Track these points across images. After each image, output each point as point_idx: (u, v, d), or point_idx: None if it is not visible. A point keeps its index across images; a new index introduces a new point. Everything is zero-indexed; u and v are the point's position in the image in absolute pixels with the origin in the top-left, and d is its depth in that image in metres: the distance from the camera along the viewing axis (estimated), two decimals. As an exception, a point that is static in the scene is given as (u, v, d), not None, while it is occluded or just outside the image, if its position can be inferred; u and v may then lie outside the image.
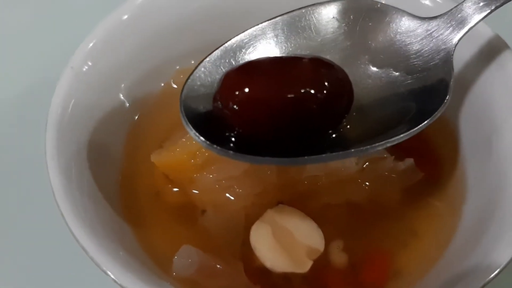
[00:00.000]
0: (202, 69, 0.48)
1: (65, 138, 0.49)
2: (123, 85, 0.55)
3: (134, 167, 0.55)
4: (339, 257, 0.51)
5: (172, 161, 0.52)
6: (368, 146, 0.45)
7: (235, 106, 0.44)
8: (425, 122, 0.45)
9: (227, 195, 0.53)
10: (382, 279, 0.50)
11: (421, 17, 0.50)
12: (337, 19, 0.50)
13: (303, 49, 0.50)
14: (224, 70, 0.48)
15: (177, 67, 0.58)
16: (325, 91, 0.44)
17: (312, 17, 0.50)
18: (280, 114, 0.44)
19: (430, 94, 0.47)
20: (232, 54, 0.49)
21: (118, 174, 0.54)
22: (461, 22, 0.48)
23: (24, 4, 0.72)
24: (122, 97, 0.56)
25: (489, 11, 0.48)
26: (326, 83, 0.45)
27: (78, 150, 0.50)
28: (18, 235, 0.58)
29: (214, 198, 0.53)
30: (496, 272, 0.41)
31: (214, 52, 0.49)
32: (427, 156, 0.55)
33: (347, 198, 0.53)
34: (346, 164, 0.52)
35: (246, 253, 0.50)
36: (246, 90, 0.44)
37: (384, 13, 0.50)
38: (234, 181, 0.52)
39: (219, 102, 0.46)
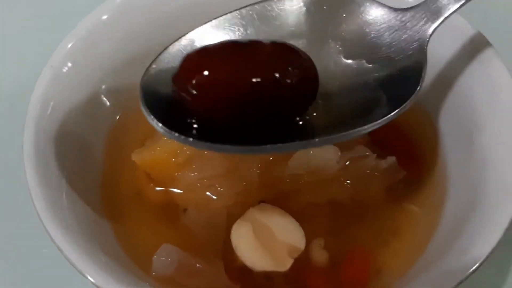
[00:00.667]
0: (166, 55, 0.47)
1: (43, 137, 0.48)
2: (103, 86, 0.55)
3: (115, 167, 0.55)
4: (320, 256, 0.51)
5: (153, 159, 0.52)
6: (333, 136, 0.44)
7: (193, 90, 0.42)
8: (395, 112, 0.44)
9: (209, 193, 0.53)
10: (363, 277, 0.50)
11: (395, 8, 0.49)
12: (309, 9, 0.50)
13: (272, 37, 0.48)
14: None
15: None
16: (287, 76, 0.43)
17: (283, 6, 0.50)
18: (241, 99, 0.43)
19: (402, 84, 0.46)
20: (197, 42, 0.48)
21: (99, 174, 0.54)
22: (436, 13, 0.48)
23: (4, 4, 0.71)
24: (103, 98, 0.55)
25: (463, 1, 0.48)
26: (289, 68, 0.43)
27: (57, 150, 0.49)
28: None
29: (196, 197, 0.53)
30: (472, 269, 0.41)
31: (179, 40, 0.48)
32: (409, 155, 0.55)
33: (329, 196, 0.53)
34: (328, 162, 0.52)
35: (227, 252, 0.50)
36: (205, 73, 0.43)
37: (358, 4, 0.50)
38: (216, 179, 0.52)
39: (177, 85, 0.44)
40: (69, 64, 0.52)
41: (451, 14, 0.48)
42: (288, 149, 0.45)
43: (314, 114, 0.46)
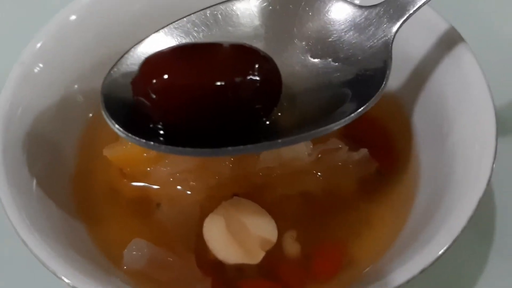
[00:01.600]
0: (127, 59, 0.47)
1: (13, 137, 0.49)
2: (76, 85, 0.56)
3: (88, 164, 0.55)
4: (292, 248, 0.51)
5: (124, 154, 0.52)
6: (297, 136, 0.44)
7: (152, 94, 0.43)
8: (359, 110, 0.44)
9: (182, 188, 0.53)
10: (334, 268, 0.50)
11: (361, 5, 0.50)
12: (275, 8, 0.50)
13: (236, 38, 0.49)
14: None
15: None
16: (247, 78, 0.43)
17: (249, 5, 0.50)
18: (201, 102, 0.43)
19: (367, 82, 0.46)
20: (160, 44, 0.48)
21: (72, 171, 0.54)
22: (401, 9, 0.48)
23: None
24: (75, 96, 0.56)
25: None
26: (249, 70, 0.43)
27: (28, 149, 0.50)
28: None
29: (168, 192, 0.53)
30: (437, 255, 0.42)
31: (141, 43, 0.48)
32: (382, 146, 0.56)
33: (302, 189, 0.53)
34: (300, 155, 0.52)
35: (200, 246, 0.50)
36: (164, 76, 0.43)
37: (323, 2, 0.50)
38: (188, 174, 0.53)
39: (136, 89, 0.44)
40: (40, 65, 0.53)
41: (416, 10, 0.48)
42: (251, 150, 0.45)
43: (279, 114, 0.46)
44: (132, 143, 0.51)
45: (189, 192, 0.53)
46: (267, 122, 0.46)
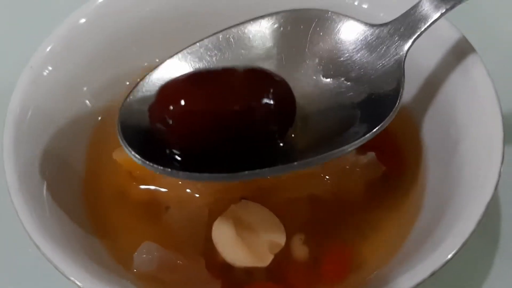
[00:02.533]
0: (143, 86, 0.48)
1: (24, 138, 0.49)
2: (85, 88, 0.56)
3: (98, 167, 0.55)
4: (300, 251, 0.51)
5: (133, 158, 0.53)
6: (312, 158, 0.44)
7: (169, 120, 0.43)
8: (374, 131, 0.44)
9: (191, 191, 0.53)
10: (343, 271, 0.51)
11: (372, 24, 0.49)
12: (286, 29, 0.50)
13: (249, 60, 0.49)
14: None
15: (145, 64, 0.58)
16: (263, 102, 0.44)
17: (259, 28, 0.50)
18: (217, 128, 0.43)
19: (380, 102, 0.47)
20: (174, 70, 0.48)
21: (82, 174, 0.54)
22: (412, 27, 0.48)
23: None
24: (85, 100, 0.56)
25: (439, 14, 0.48)
26: (264, 94, 0.44)
27: (38, 151, 0.50)
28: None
29: (177, 195, 0.53)
30: (447, 259, 0.43)
31: (157, 69, 0.49)
32: (389, 150, 0.56)
33: (309, 192, 0.53)
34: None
35: (209, 249, 0.51)
36: (180, 103, 0.43)
37: (334, 21, 0.50)
38: (197, 177, 0.53)
39: (153, 116, 0.45)
40: (50, 68, 0.53)
41: (427, 28, 0.48)
42: (267, 174, 0.45)
43: (293, 136, 0.47)
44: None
45: (197, 195, 0.53)
46: (282, 144, 0.46)
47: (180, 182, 0.53)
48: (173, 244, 0.51)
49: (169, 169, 0.44)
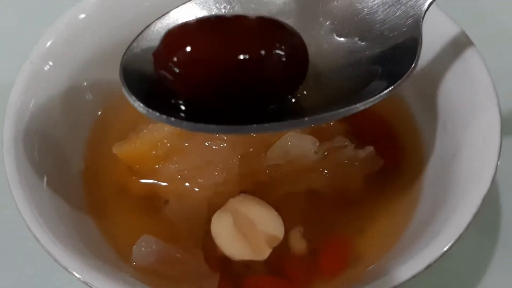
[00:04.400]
0: (148, 34, 0.46)
1: (24, 133, 0.49)
2: (85, 83, 0.56)
3: (98, 160, 0.56)
4: (298, 244, 0.51)
5: (133, 152, 0.53)
6: (323, 114, 0.42)
7: (175, 67, 0.40)
8: (389, 89, 0.43)
9: (190, 185, 0.54)
10: (340, 264, 0.51)
11: None
12: None
13: (262, 12, 0.47)
14: None
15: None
16: (275, 52, 0.41)
17: None
18: (225, 77, 0.40)
19: (396, 61, 0.45)
20: (180, 20, 0.46)
21: (82, 167, 0.55)
22: None
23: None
24: (84, 94, 0.56)
25: None
26: (276, 44, 0.41)
27: (38, 145, 0.50)
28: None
29: (177, 189, 0.54)
30: (442, 251, 0.43)
31: (162, 18, 0.47)
32: (387, 144, 0.56)
33: (308, 186, 0.54)
34: (306, 153, 0.53)
35: (208, 242, 0.51)
36: (188, 49, 0.40)
37: None
38: (196, 171, 0.53)
39: (158, 62, 0.42)
40: (50, 63, 0.53)
41: None
42: (276, 129, 0.43)
43: (305, 92, 0.45)
44: (140, 141, 0.53)
45: (197, 189, 0.53)
46: (293, 100, 0.44)
47: (179, 176, 0.53)
48: (172, 237, 0.51)
49: (173, 119, 0.41)
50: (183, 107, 0.42)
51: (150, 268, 0.50)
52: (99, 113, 0.57)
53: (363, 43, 0.47)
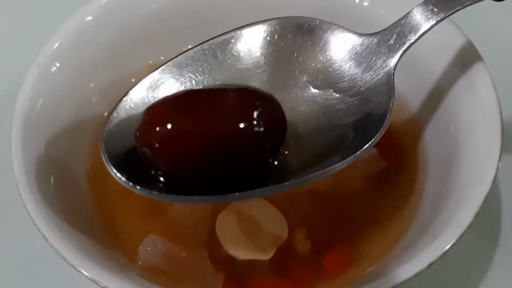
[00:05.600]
0: (127, 103, 0.46)
1: (31, 133, 0.50)
2: (92, 84, 0.57)
3: (103, 162, 0.56)
4: (302, 244, 0.52)
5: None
6: (303, 178, 0.42)
7: (156, 144, 0.42)
8: (365, 146, 0.43)
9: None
10: (343, 265, 0.51)
11: (361, 34, 0.48)
12: (273, 39, 0.49)
13: (235, 72, 0.48)
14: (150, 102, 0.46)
15: (150, 62, 0.59)
16: (253, 123, 0.42)
17: (247, 37, 0.48)
18: (206, 152, 0.42)
19: (370, 116, 0.45)
20: (160, 83, 0.47)
21: (88, 168, 0.55)
22: (401, 38, 0.47)
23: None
24: (91, 95, 0.57)
25: (430, 25, 0.47)
26: (253, 115, 0.42)
27: (45, 145, 0.51)
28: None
29: (182, 190, 0.54)
30: (443, 251, 0.43)
31: (141, 83, 0.47)
32: (389, 146, 0.56)
33: (311, 187, 0.54)
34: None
35: (212, 242, 0.52)
36: (168, 126, 0.42)
37: (322, 30, 0.48)
38: (201, 172, 0.54)
39: (140, 140, 0.43)
40: (57, 64, 0.54)
41: (417, 39, 0.47)
42: (258, 195, 0.44)
43: (286, 152, 0.45)
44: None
45: (201, 190, 0.54)
46: (273, 163, 0.45)
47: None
48: (177, 237, 0.52)
49: (156, 192, 0.42)
50: (165, 180, 0.43)
51: (156, 268, 0.50)
52: (105, 114, 0.58)
53: (338, 95, 0.47)
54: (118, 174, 0.43)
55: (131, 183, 0.42)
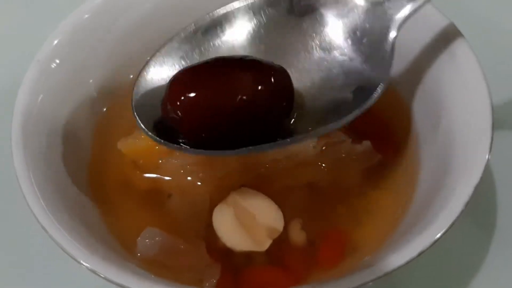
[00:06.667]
0: (152, 66, 0.52)
1: (31, 128, 0.51)
2: (91, 80, 0.58)
3: (103, 155, 0.57)
4: (297, 236, 0.53)
5: (137, 147, 0.54)
6: (306, 134, 0.48)
7: (181, 114, 0.47)
8: (364, 106, 0.47)
9: (192, 179, 0.55)
10: (338, 255, 0.52)
11: None
12: (269, 10, 0.52)
13: (239, 38, 0.52)
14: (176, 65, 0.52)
15: (148, 58, 0.60)
16: (267, 90, 0.48)
17: (244, 12, 0.53)
18: (224, 118, 0.47)
19: (371, 77, 0.48)
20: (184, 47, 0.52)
21: (88, 162, 0.56)
22: (400, 7, 0.49)
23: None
24: (90, 91, 0.58)
25: None
26: (265, 83, 0.48)
27: (46, 140, 0.52)
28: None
29: (179, 183, 0.55)
30: (434, 239, 0.44)
31: (162, 48, 0.52)
32: (383, 138, 0.57)
33: (307, 180, 0.55)
34: (305, 148, 0.54)
35: (210, 234, 0.53)
36: (190, 97, 0.47)
37: None
38: (198, 166, 0.55)
39: (166, 109, 0.48)
40: (57, 61, 0.55)
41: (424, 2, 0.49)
42: (267, 148, 0.48)
43: (296, 115, 0.50)
44: (144, 136, 0.54)
45: (199, 183, 0.55)
46: (282, 124, 0.49)
47: (182, 171, 0.55)
48: (175, 230, 0.53)
49: (182, 146, 0.48)
50: (188, 139, 0.49)
51: (154, 259, 0.51)
52: (104, 109, 0.59)
53: (341, 57, 0.51)
54: (150, 133, 0.49)
55: (161, 140, 0.48)
